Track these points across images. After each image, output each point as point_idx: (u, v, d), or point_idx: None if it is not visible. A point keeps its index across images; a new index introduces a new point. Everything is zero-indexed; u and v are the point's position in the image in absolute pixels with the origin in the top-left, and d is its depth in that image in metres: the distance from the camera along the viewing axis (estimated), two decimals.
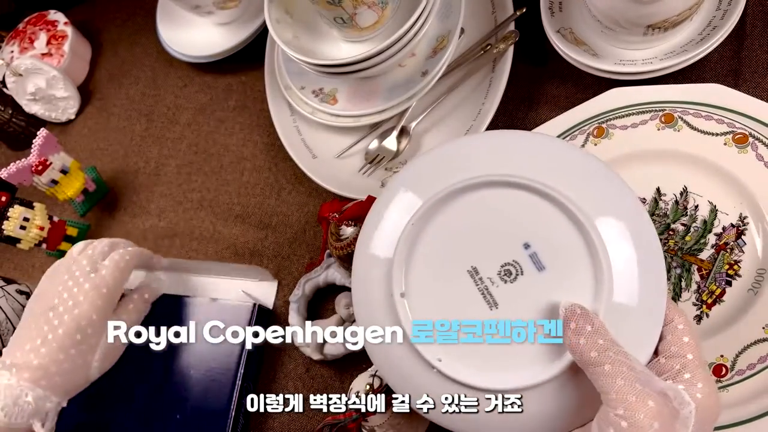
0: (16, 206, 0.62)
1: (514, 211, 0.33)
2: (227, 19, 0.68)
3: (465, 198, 0.34)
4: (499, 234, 0.34)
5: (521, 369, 0.32)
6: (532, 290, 0.33)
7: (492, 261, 0.33)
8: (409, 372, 0.34)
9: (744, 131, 0.43)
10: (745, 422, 0.39)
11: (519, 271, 0.33)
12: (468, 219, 0.34)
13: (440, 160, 0.37)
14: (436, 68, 0.52)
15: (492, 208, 0.34)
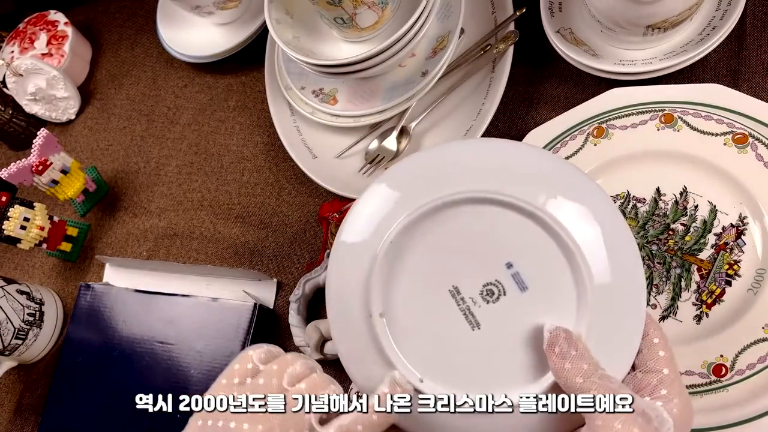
0: (16, 206, 0.62)
1: (498, 229, 0.33)
2: (227, 19, 0.68)
3: (447, 213, 0.33)
4: (482, 252, 0.33)
5: (504, 387, 0.32)
6: (514, 311, 0.32)
7: (474, 280, 0.33)
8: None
9: (744, 131, 0.43)
10: (745, 422, 0.39)
11: (501, 291, 0.33)
12: (450, 236, 0.33)
13: (424, 169, 0.35)
14: (436, 68, 0.52)
15: (474, 225, 0.33)
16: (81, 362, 0.61)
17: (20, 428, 0.64)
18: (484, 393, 0.31)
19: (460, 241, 0.33)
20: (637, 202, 0.46)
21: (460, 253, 0.33)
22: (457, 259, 0.33)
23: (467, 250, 0.33)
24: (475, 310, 0.33)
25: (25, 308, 0.62)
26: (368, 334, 0.34)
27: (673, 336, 0.42)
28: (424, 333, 0.33)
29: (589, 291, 0.31)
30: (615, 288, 0.32)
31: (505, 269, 0.32)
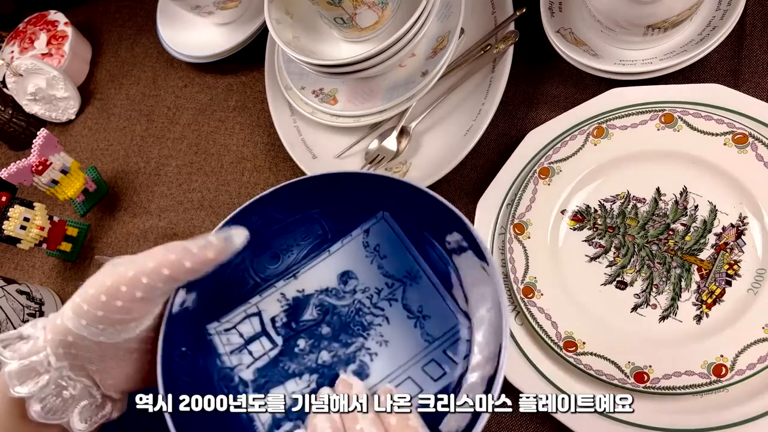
0: (16, 206, 0.62)
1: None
2: (227, 19, 0.68)
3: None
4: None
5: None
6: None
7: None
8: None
9: (744, 131, 0.43)
10: (746, 422, 0.39)
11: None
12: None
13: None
14: (436, 68, 0.52)
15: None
16: None
17: None
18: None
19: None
20: (637, 202, 0.46)
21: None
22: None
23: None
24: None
25: (24, 308, 0.62)
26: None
27: (673, 336, 0.42)
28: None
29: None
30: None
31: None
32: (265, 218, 0.37)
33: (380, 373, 0.34)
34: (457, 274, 0.34)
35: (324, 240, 0.38)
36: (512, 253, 0.48)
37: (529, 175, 0.50)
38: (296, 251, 0.38)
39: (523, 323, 0.48)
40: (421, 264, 0.36)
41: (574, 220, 0.48)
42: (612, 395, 0.35)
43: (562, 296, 0.46)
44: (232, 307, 0.37)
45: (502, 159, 0.54)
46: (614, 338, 0.44)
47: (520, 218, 0.49)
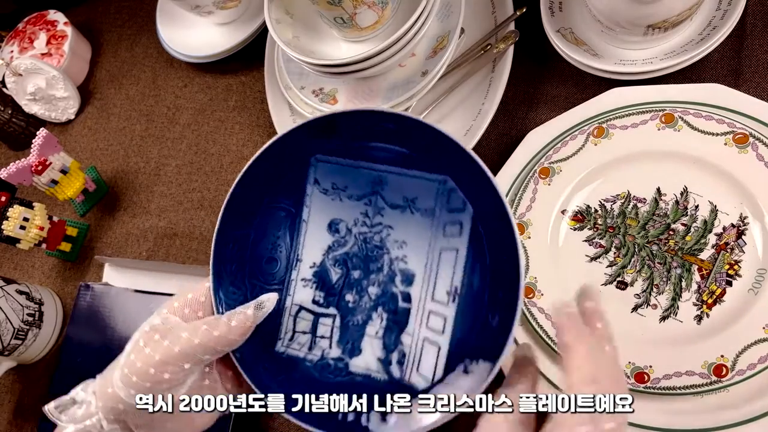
0: (15, 206, 0.62)
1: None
2: (227, 19, 0.68)
3: None
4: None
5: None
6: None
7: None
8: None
9: (744, 131, 0.43)
10: (746, 422, 0.39)
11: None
12: None
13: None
14: (436, 68, 0.52)
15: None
16: (80, 362, 0.60)
17: (20, 428, 0.64)
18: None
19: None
20: (637, 202, 0.46)
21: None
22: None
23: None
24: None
25: (24, 308, 0.62)
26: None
27: (673, 336, 0.42)
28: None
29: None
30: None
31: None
32: (236, 241, 0.38)
33: (419, 265, 0.36)
34: (405, 150, 0.36)
35: (293, 215, 0.38)
36: None
37: (529, 175, 0.50)
38: (282, 242, 0.38)
39: (524, 323, 0.48)
40: (376, 168, 0.36)
41: (575, 220, 0.48)
42: (612, 395, 0.35)
43: (562, 296, 0.46)
44: (278, 323, 0.38)
45: (502, 159, 0.54)
46: (614, 338, 0.43)
47: (520, 218, 0.49)
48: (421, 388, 0.34)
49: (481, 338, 0.33)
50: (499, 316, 0.32)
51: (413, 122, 0.34)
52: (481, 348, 0.33)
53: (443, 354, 0.34)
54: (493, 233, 0.33)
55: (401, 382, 0.35)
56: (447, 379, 0.34)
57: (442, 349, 0.34)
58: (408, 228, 0.36)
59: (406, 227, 0.36)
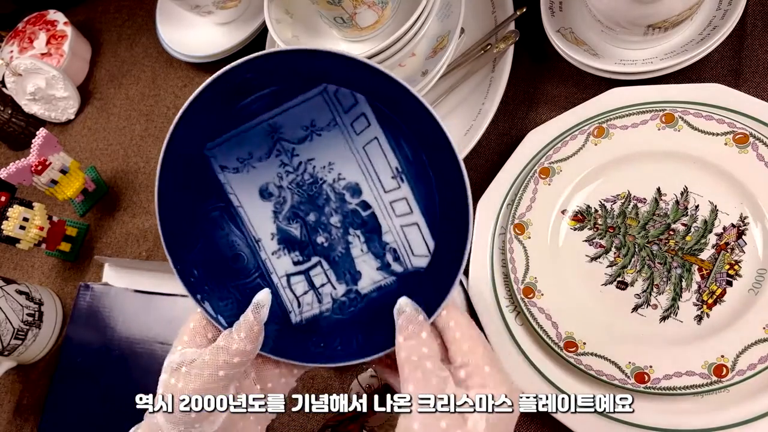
0: (15, 206, 0.62)
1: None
2: (227, 18, 0.68)
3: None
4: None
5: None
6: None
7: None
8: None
9: (744, 131, 0.43)
10: (746, 422, 0.39)
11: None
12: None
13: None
14: (436, 68, 0.52)
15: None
16: (80, 362, 0.60)
17: (20, 428, 0.64)
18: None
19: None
20: (637, 202, 0.46)
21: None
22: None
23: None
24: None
25: (24, 308, 0.62)
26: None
27: (673, 336, 0.42)
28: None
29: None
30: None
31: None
32: (195, 263, 0.38)
33: (356, 172, 0.36)
34: (275, 87, 0.36)
35: (225, 209, 0.38)
36: (512, 253, 0.48)
37: (529, 175, 0.50)
38: (234, 236, 0.38)
39: (523, 323, 0.48)
40: (261, 119, 0.36)
41: (575, 220, 0.48)
42: (612, 395, 0.35)
43: (562, 296, 0.46)
44: (280, 302, 0.38)
45: (502, 159, 0.54)
46: (615, 338, 0.43)
47: (520, 218, 0.49)
48: (427, 265, 0.36)
49: (442, 192, 0.35)
50: (444, 165, 0.34)
51: (263, 59, 0.34)
52: (449, 198, 0.35)
53: (424, 226, 0.36)
54: (393, 103, 0.34)
55: (407, 273, 0.37)
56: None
57: (420, 223, 0.36)
58: (325, 150, 0.36)
59: (323, 150, 0.36)
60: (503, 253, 0.50)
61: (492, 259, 0.51)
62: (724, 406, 0.40)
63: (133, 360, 0.58)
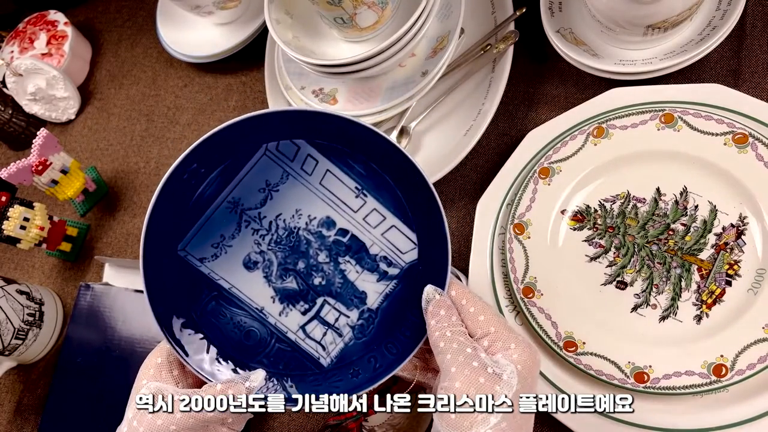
0: (16, 206, 0.62)
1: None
2: (227, 19, 0.68)
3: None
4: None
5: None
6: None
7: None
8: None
9: (744, 131, 0.43)
10: (745, 422, 0.39)
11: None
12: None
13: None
14: (436, 68, 0.52)
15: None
16: (81, 362, 0.60)
17: (20, 428, 0.64)
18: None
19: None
20: (637, 202, 0.46)
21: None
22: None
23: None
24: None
25: (24, 308, 0.62)
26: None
27: (673, 336, 0.42)
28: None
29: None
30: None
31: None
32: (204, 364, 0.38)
33: (322, 208, 0.38)
34: (221, 167, 0.37)
35: (219, 297, 0.39)
36: (512, 253, 0.48)
37: (529, 175, 0.50)
38: (239, 318, 0.39)
39: (523, 323, 0.48)
40: (219, 201, 0.38)
41: (574, 220, 0.48)
42: (612, 395, 0.35)
43: (562, 296, 0.46)
44: (306, 353, 0.39)
45: (502, 159, 0.54)
46: (614, 338, 0.44)
47: (520, 218, 0.49)
48: (417, 258, 0.38)
49: (400, 183, 0.38)
50: (389, 158, 0.37)
51: (203, 145, 0.36)
52: (408, 184, 0.37)
53: (400, 224, 0.38)
54: (328, 133, 0.37)
55: (404, 271, 0.39)
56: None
57: (396, 224, 0.38)
58: (288, 200, 0.38)
59: (286, 202, 0.38)
60: (503, 253, 0.50)
61: (492, 259, 0.51)
62: (724, 406, 0.40)
63: (133, 360, 0.58)
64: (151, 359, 0.36)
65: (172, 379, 0.36)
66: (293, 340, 0.39)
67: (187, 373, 0.37)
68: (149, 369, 0.36)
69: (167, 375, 0.36)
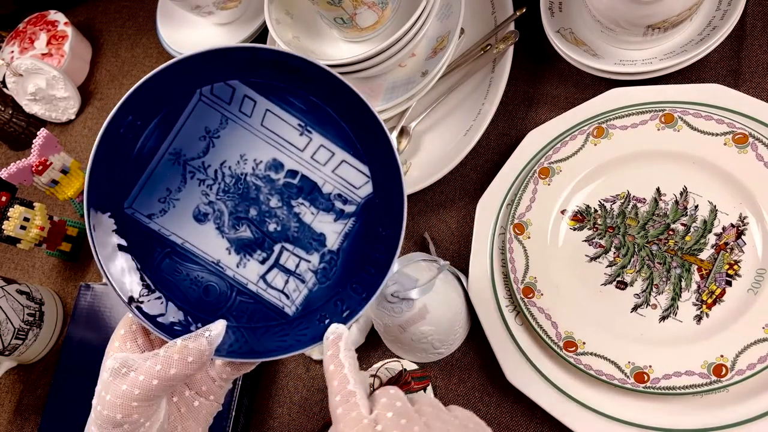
0: (16, 206, 0.62)
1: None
2: (227, 19, 0.68)
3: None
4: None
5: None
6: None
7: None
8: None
9: (744, 131, 0.43)
10: (745, 422, 0.39)
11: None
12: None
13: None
14: (436, 68, 0.52)
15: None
16: (81, 362, 0.61)
17: (20, 428, 0.64)
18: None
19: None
20: (637, 202, 0.46)
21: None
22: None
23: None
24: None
25: (24, 308, 0.62)
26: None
27: (673, 336, 0.42)
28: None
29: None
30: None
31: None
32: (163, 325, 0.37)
33: (266, 150, 0.37)
34: (158, 116, 0.37)
35: (171, 253, 0.38)
36: (512, 253, 0.48)
37: (529, 175, 0.50)
38: (195, 274, 0.38)
39: (523, 323, 0.48)
40: (161, 153, 0.36)
41: (574, 220, 0.48)
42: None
43: (562, 296, 0.46)
44: (269, 303, 0.38)
45: (502, 159, 0.54)
46: (614, 338, 0.44)
47: (520, 218, 0.49)
48: (372, 191, 0.37)
49: (343, 114, 0.36)
50: (330, 88, 0.35)
51: (134, 95, 0.35)
52: (352, 112, 0.36)
53: (350, 158, 0.37)
54: (262, 70, 0.35)
55: (361, 206, 0.38)
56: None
57: (346, 158, 0.37)
58: (231, 146, 0.37)
59: (229, 148, 0.37)
60: (503, 253, 0.50)
61: (492, 259, 0.51)
62: (724, 406, 0.40)
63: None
64: (115, 333, 0.35)
65: (137, 347, 0.35)
66: (254, 291, 0.37)
67: (154, 340, 0.36)
68: (114, 342, 0.35)
69: (132, 344, 0.35)
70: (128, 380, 0.32)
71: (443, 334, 0.48)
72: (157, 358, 0.32)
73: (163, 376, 0.31)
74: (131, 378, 0.32)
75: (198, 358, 0.32)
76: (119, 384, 0.32)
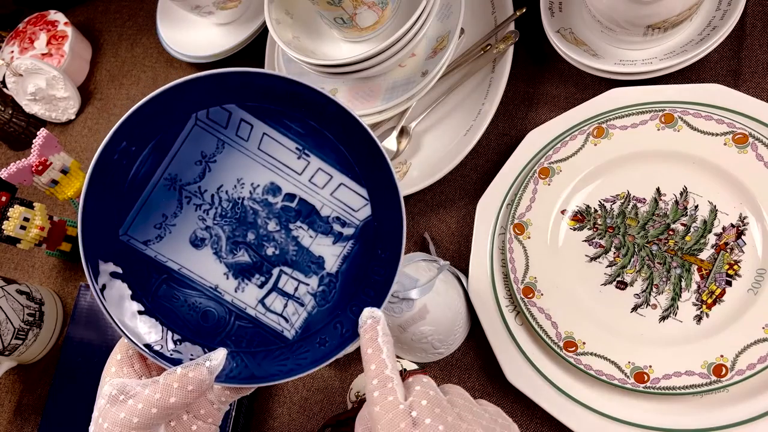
0: (16, 206, 0.62)
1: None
2: (227, 19, 0.68)
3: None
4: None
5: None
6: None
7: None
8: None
9: (744, 131, 0.43)
10: (745, 422, 0.39)
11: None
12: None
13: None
14: (436, 68, 0.52)
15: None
16: (81, 362, 0.61)
17: (20, 428, 0.64)
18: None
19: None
20: (637, 202, 0.46)
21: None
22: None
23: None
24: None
25: (24, 308, 0.62)
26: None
27: (673, 336, 0.42)
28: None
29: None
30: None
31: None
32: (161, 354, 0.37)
33: (264, 174, 0.37)
34: (151, 143, 0.36)
35: (169, 279, 0.37)
36: (512, 253, 0.48)
37: (529, 175, 0.50)
38: (193, 300, 0.37)
39: (523, 323, 0.48)
40: (157, 178, 0.36)
41: (574, 220, 0.48)
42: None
43: (562, 296, 0.46)
44: (268, 328, 0.38)
45: (502, 159, 0.54)
46: (614, 338, 0.44)
47: (520, 218, 0.49)
48: (370, 214, 0.37)
49: (342, 138, 0.36)
50: (328, 114, 0.35)
51: (128, 121, 0.34)
52: (350, 137, 0.36)
53: (348, 180, 0.37)
54: (258, 94, 0.35)
55: (359, 231, 0.37)
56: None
57: (344, 181, 0.37)
58: (227, 170, 0.36)
59: (226, 172, 0.36)
60: (503, 253, 0.50)
61: (492, 259, 0.51)
62: (724, 406, 0.40)
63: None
64: (111, 358, 0.35)
65: (134, 373, 0.34)
66: (253, 315, 0.37)
67: (151, 365, 0.35)
68: (110, 367, 0.34)
69: (129, 370, 0.34)
70: (126, 408, 0.31)
71: (443, 334, 0.48)
72: (156, 386, 0.31)
73: (162, 404, 0.31)
74: (129, 406, 0.31)
75: (198, 387, 0.32)
76: (117, 412, 0.31)
